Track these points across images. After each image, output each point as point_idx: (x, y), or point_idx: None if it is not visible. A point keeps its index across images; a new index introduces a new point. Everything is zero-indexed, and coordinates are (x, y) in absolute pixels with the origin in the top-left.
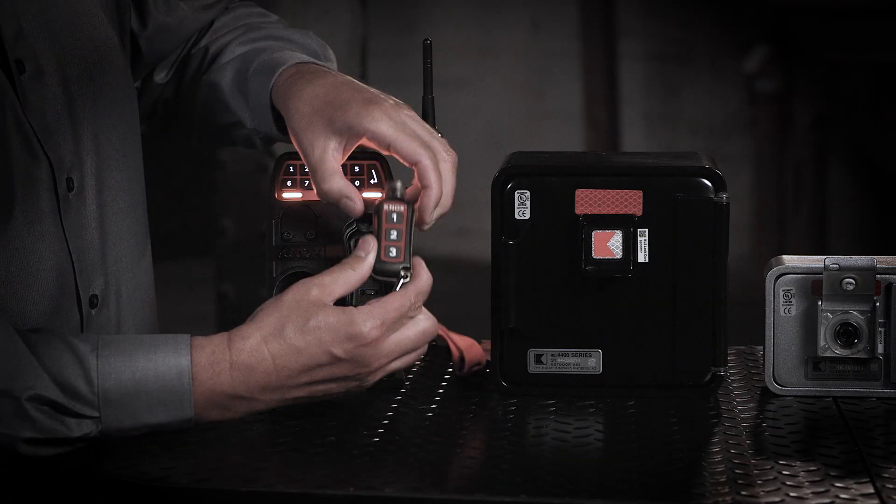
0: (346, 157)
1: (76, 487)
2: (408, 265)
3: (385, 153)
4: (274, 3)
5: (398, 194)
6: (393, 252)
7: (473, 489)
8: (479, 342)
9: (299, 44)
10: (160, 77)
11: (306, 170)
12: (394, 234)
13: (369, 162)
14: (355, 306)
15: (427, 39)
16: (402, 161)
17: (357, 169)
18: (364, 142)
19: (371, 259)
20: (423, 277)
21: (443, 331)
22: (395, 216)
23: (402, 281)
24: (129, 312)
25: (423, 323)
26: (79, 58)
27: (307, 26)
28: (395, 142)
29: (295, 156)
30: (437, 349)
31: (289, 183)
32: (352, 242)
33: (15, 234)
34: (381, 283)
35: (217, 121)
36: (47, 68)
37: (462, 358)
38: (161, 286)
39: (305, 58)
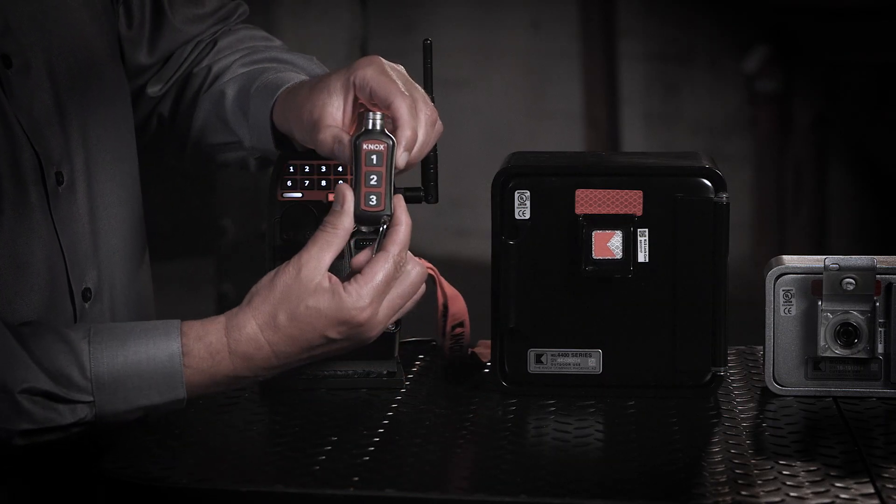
0: (351, 115)
1: (76, 487)
2: (389, 213)
3: (370, 107)
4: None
5: (377, 126)
6: (373, 200)
7: (473, 489)
8: (479, 343)
9: (302, 67)
10: (154, 90)
11: (307, 169)
12: (373, 180)
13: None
14: (352, 257)
15: (427, 39)
16: (379, 104)
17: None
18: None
19: (350, 209)
20: (402, 229)
21: (434, 272)
22: (374, 157)
23: (382, 228)
24: (123, 306)
25: (412, 274)
26: (67, 53)
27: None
28: (374, 83)
29: (295, 156)
30: (435, 350)
31: (289, 183)
32: (352, 243)
33: (4, 227)
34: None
35: (214, 139)
36: (34, 63)
37: (446, 306)
38: (161, 286)
39: (307, 79)
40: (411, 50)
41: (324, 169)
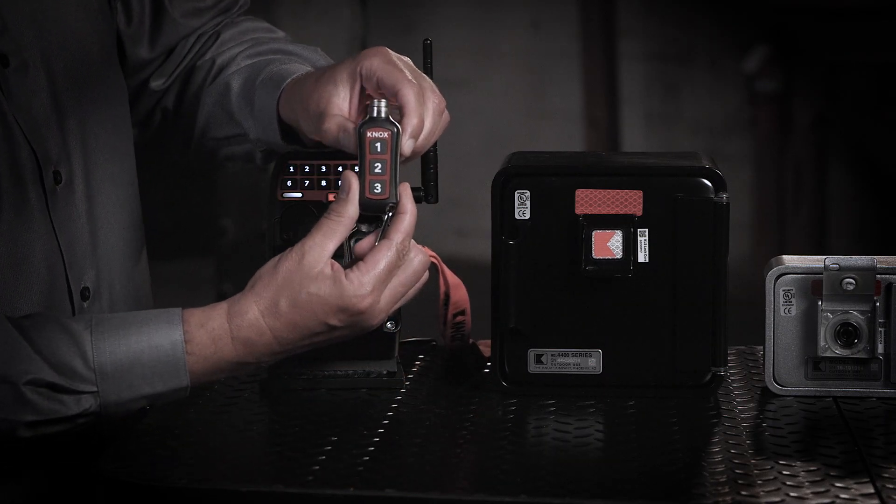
0: (357, 105)
1: (76, 487)
2: (394, 201)
3: (376, 96)
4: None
5: (381, 114)
6: (378, 188)
7: (473, 489)
8: (479, 342)
9: (306, 58)
10: (157, 84)
11: (307, 169)
12: (378, 167)
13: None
14: (352, 247)
15: (427, 39)
16: (386, 93)
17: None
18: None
19: (355, 197)
20: (406, 217)
21: (436, 260)
22: (378, 145)
23: (386, 216)
24: (122, 305)
25: (414, 262)
26: (64, 52)
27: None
28: (381, 72)
29: (296, 156)
30: (435, 350)
31: (289, 183)
32: (351, 242)
33: (3, 226)
34: (369, 216)
35: (219, 132)
36: (32, 62)
37: (447, 295)
38: (161, 286)
39: (313, 70)
40: (411, 50)
41: (324, 169)
